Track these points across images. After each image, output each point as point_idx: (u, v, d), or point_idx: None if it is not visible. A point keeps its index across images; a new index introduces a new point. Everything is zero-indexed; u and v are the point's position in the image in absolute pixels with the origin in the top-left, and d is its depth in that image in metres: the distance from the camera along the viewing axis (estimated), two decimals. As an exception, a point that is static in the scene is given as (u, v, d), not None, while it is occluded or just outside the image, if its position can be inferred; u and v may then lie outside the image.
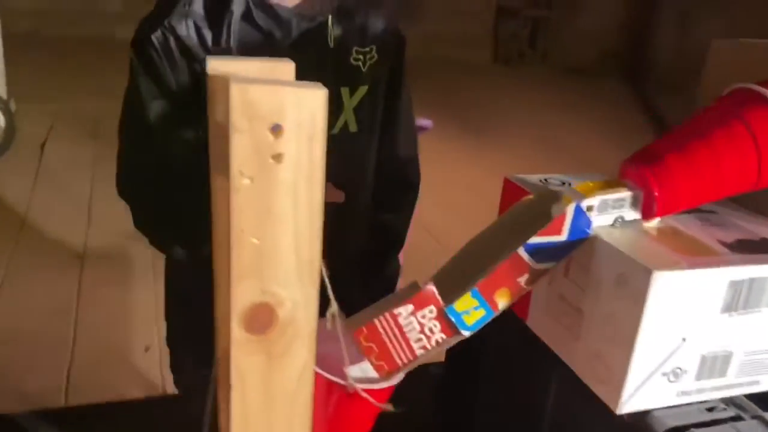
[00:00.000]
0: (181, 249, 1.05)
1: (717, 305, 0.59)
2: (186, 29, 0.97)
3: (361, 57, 1.08)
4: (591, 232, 0.62)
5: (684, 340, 0.59)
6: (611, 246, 0.60)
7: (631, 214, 0.64)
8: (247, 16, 0.98)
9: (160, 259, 1.21)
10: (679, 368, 0.60)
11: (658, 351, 0.59)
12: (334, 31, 1.04)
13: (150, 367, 2.56)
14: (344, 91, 1.06)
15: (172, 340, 1.20)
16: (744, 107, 0.62)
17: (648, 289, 0.56)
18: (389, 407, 0.60)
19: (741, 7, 6.98)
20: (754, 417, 0.62)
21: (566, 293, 0.66)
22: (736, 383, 0.64)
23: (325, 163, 0.52)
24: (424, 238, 2.84)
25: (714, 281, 0.58)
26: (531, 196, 0.66)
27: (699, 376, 0.62)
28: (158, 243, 1.07)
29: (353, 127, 1.08)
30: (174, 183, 0.99)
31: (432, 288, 0.61)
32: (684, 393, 0.62)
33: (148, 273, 3.16)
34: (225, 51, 0.97)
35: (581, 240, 0.62)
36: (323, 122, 0.50)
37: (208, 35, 0.98)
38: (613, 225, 0.63)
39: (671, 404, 0.62)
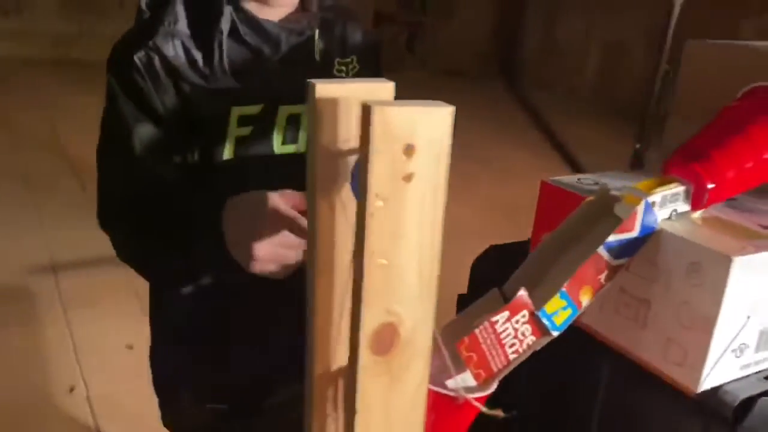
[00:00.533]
0: (181, 279, 1.01)
1: (757, 282, 0.65)
2: (173, 49, 0.94)
3: (343, 68, 1.08)
4: (657, 226, 0.66)
5: (748, 317, 0.65)
6: (680, 237, 0.65)
7: (682, 207, 0.69)
8: (234, 33, 0.96)
9: (70, 292, 1.16)
10: (744, 344, 0.66)
11: (730, 331, 0.64)
12: (318, 44, 1.04)
13: (77, 409, 2.40)
14: None
15: (167, 379, 1.14)
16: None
17: (727, 274, 0.61)
18: (500, 413, 0.61)
19: (599, 9, 7.54)
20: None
21: (628, 286, 0.70)
22: (778, 351, 0.71)
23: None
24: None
25: (758, 261, 0.64)
26: (590, 199, 0.70)
27: (757, 349, 0.68)
28: (154, 275, 1.02)
29: None
30: (165, 209, 0.94)
31: (524, 294, 0.63)
32: (745, 366, 0.68)
33: (55, 307, 2.96)
34: (222, 67, 0.95)
35: (649, 234, 0.66)
36: (449, 141, 0.51)
37: (198, 55, 0.95)
38: (669, 218, 0.68)
39: (735, 378, 0.68)
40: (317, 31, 1.02)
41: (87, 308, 2.94)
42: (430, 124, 0.50)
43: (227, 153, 0.97)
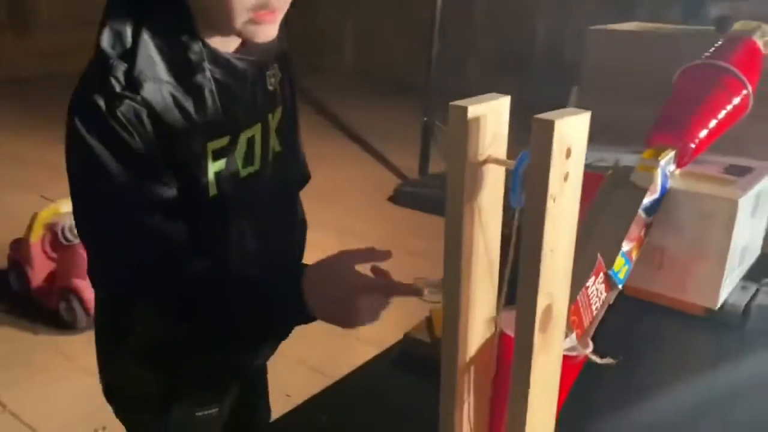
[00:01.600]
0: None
1: (748, 212, 0.85)
2: (163, 100, 0.87)
3: (272, 79, 1.09)
4: (668, 185, 0.82)
5: (737, 245, 0.84)
6: (689, 191, 0.81)
7: (671, 167, 0.86)
8: (216, 80, 0.93)
9: None
10: (734, 264, 0.85)
11: (731, 257, 0.83)
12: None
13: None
14: (270, 117, 1.07)
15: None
16: (721, 71, 0.88)
17: (736, 213, 0.79)
18: (612, 360, 0.73)
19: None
20: (763, 283, 0.91)
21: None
22: (746, 264, 0.92)
23: (581, 174, 0.62)
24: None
25: (751, 198, 0.83)
26: (609, 173, 0.83)
27: (739, 264, 0.88)
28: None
29: (278, 147, 1.10)
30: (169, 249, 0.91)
31: (601, 258, 0.75)
32: (733, 281, 0.88)
33: None
34: (206, 110, 0.92)
35: (665, 193, 0.82)
36: (585, 142, 0.60)
37: (189, 104, 0.90)
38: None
39: (730, 291, 0.87)
40: (276, 66, 1.03)
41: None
42: (580, 129, 0.59)
43: (212, 190, 0.95)
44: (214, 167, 0.94)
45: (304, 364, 3.01)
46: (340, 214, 4.33)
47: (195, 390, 1.09)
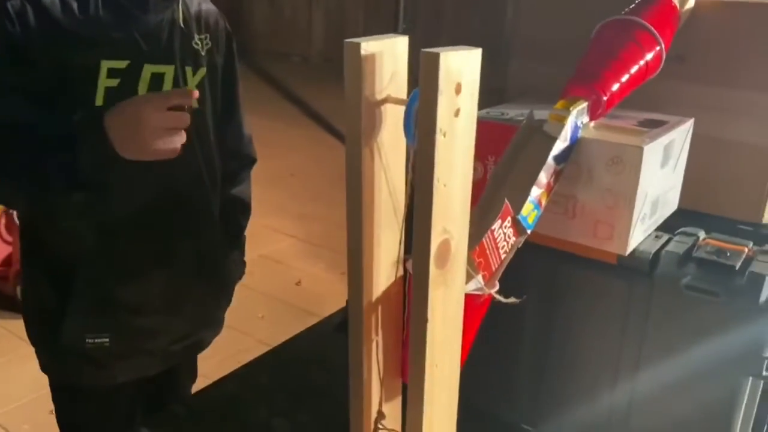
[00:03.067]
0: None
1: (658, 163, 0.87)
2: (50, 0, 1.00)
3: (199, 43, 1.17)
4: (579, 135, 0.85)
5: (647, 192, 0.87)
6: (599, 140, 0.84)
7: (584, 119, 0.88)
8: None
9: None
10: (645, 213, 0.88)
11: (640, 205, 0.85)
12: (181, 13, 1.10)
13: None
14: (188, 70, 1.15)
15: (44, 316, 1.18)
16: (635, 25, 0.90)
17: (641, 160, 0.81)
18: (515, 300, 0.75)
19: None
20: (676, 234, 0.94)
21: (556, 187, 0.88)
22: (659, 216, 0.95)
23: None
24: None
25: (659, 147, 0.86)
26: (522, 124, 0.85)
27: (651, 215, 0.90)
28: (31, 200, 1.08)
29: (195, 104, 1.15)
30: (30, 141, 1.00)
31: (508, 203, 0.77)
32: (645, 230, 0.90)
33: None
34: (96, 20, 1.02)
35: (576, 142, 0.84)
36: (478, 79, 0.62)
37: (75, 5, 1.01)
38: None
39: (640, 240, 0.90)
40: (180, 2, 1.12)
41: None
42: (471, 64, 0.60)
43: (99, 100, 1.03)
44: (106, 82, 1.04)
45: (265, 344, 3.03)
46: (302, 199, 4.34)
47: (82, 311, 1.14)
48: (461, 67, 0.59)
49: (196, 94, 0.99)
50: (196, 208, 1.20)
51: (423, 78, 0.58)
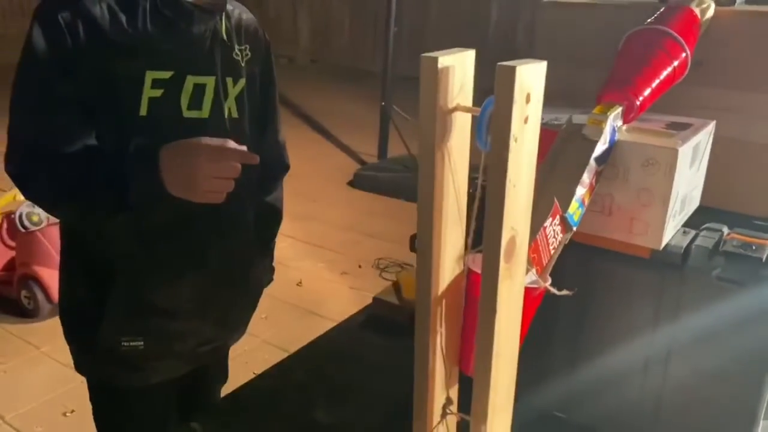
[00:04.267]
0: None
1: (688, 163, 0.94)
2: (100, 11, 1.04)
3: (239, 53, 1.19)
4: (617, 137, 0.91)
5: (678, 191, 0.93)
6: (635, 142, 0.90)
7: (618, 123, 0.94)
8: (154, 6, 1.09)
9: None
10: (676, 210, 0.94)
11: (673, 202, 0.91)
12: (224, 25, 1.14)
13: None
14: (229, 81, 1.18)
15: (82, 319, 1.22)
16: (663, 34, 0.97)
17: (676, 161, 0.87)
18: (569, 292, 0.81)
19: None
20: (701, 229, 1.00)
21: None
22: (686, 213, 1.01)
23: (539, 119, 0.69)
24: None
25: (689, 149, 0.92)
26: (563, 129, 0.91)
27: (680, 212, 0.97)
28: (75, 215, 1.14)
29: (235, 114, 1.20)
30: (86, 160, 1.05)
31: (557, 202, 0.82)
32: (675, 226, 0.97)
33: None
34: (143, 32, 1.07)
35: (613, 145, 0.90)
36: (543, 89, 0.68)
37: (123, 17, 1.06)
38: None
39: (672, 235, 0.96)
40: (223, 14, 1.16)
41: None
42: (538, 75, 0.66)
43: (143, 110, 1.07)
44: (150, 93, 1.08)
45: (270, 343, 3.07)
46: (300, 199, 4.37)
47: (118, 315, 1.18)
48: (532, 78, 0.65)
49: (257, 159, 1.03)
50: (232, 216, 1.22)
51: (498, 88, 0.63)
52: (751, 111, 1.07)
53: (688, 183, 0.97)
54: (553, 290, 0.81)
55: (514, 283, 0.73)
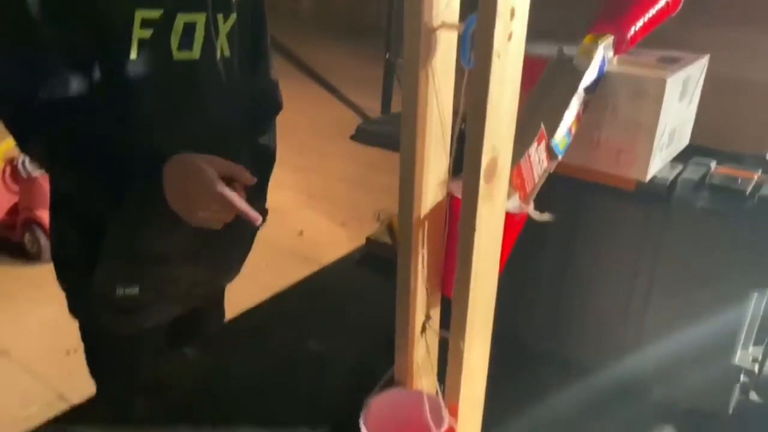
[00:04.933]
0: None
1: (677, 96, 0.94)
2: None
3: None
4: (606, 67, 0.91)
5: (666, 123, 0.93)
6: (623, 73, 0.90)
7: (609, 54, 0.94)
8: None
9: None
10: (663, 143, 0.95)
11: (660, 134, 0.92)
12: None
13: None
14: (219, 17, 1.15)
15: (73, 264, 1.22)
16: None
17: (664, 91, 0.87)
18: (547, 216, 0.82)
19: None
20: (689, 163, 1.01)
21: (582, 119, 0.94)
22: (675, 148, 1.01)
23: (523, 39, 0.69)
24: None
25: (679, 81, 0.92)
26: (553, 58, 0.91)
27: (668, 145, 0.97)
28: (62, 178, 1.14)
29: (227, 52, 1.17)
30: (77, 119, 1.03)
31: (544, 128, 0.83)
32: (663, 159, 0.97)
33: None
34: None
35: (603, 75, 0.90)
36: (528, 5, 0.67)
37: None
38: (604, 63, 0.93)
39: (658, 168, 0.97)
40: None
41: None
42: (524, -8, 0.66)
43: (133, 53, 1.04)
44: (139, 33, 1.05)
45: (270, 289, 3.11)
46: (302, 152, 4.38)
47: (112, 263, 1.18)
48: (516, -7, 0.64)
49: (259, 219, 1.03)
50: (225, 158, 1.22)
51: (482, 3, 0.63)
52: (745, 48, 1.06)
53: (677, 116, 0.97)
54: (534, 214, 0.82)
55: (495, 205, 0.74)
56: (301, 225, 3.54)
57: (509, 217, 0.79)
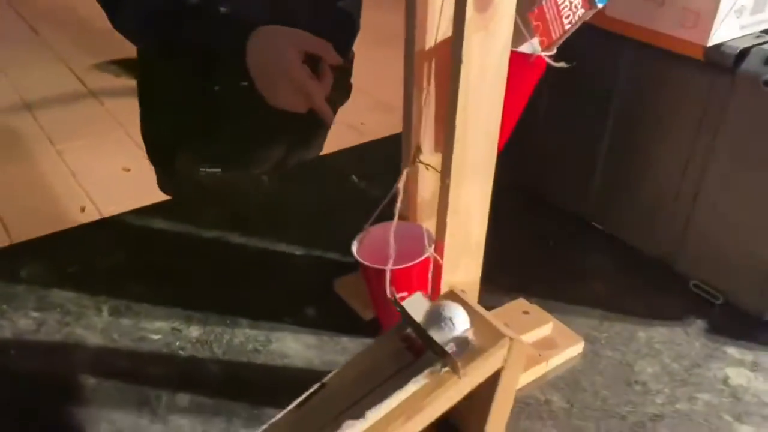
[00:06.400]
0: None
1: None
2: None
3: None
4: None
5: None
6: None
7: None
8: None
9: (52, 127, 1.27)
10: (743, 6, 0.83)
11: (732, -7, 0.81)
12: None
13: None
14: None
15: (161, 146, 1.29)
16: None
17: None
18: (564, 64, 0.78)
19: None
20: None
21: (649, -29, 0.85)
22: (764, 19, 0.88)
23: None
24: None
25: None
26: None
27: (753, 12, 0.85)
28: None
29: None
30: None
31: (578, -31, 0.77)
32: (743, 27, 0.86)
33: (42, 142, 3.00)
34: None
35: None
36: None
37: None
38: None
39: (735, 37, 0.86)
40: None
41: (74, 140, 2.99)
42: None
43: None
44: None
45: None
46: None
47: (194, 145, 1.23)
48: None
49: (331, 119, 1.02)
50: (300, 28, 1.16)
51: None
52: None
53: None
54: (550, 61, 0.78)
55: (493, 39, 0.71)
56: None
57: (521, 59, 0.77)
